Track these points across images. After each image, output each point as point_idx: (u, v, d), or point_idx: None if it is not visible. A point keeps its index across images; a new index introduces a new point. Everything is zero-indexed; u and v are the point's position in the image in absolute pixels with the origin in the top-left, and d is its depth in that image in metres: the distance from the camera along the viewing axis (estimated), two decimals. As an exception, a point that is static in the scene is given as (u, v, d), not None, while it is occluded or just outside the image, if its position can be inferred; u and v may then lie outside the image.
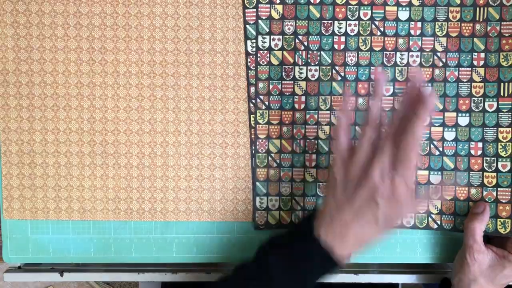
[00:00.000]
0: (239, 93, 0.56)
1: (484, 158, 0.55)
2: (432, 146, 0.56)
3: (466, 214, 0.55)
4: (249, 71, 0.56)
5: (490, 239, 0.57)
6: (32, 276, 0.59)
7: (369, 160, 0.44)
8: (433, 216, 0.56)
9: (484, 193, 0.55)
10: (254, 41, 0.55)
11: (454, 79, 0.55)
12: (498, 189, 0.55)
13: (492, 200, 0.55)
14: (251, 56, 0.56)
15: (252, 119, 0.56)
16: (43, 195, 0.57)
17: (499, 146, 0.55)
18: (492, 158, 0.55)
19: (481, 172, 0.55)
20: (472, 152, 0.56)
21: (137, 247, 0.58)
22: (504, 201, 0.55)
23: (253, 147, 0.56)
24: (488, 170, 0.55)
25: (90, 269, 0.60)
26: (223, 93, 0.56)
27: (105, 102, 0.56)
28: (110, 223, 0.58)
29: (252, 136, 0.56)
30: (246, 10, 0.55)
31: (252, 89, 0.56)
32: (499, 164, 0.55)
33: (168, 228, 0.58)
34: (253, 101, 0.56)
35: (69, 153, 0.57)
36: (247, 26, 0.55)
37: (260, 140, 0.56)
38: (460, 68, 0.55)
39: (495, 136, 0.55)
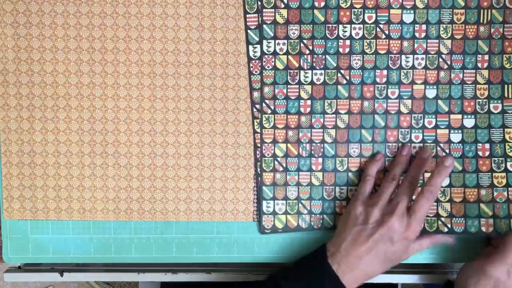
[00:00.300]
0: (239, 93, 0.56)
1: (492, 159, 0.55)
2: (438, 148, 0.56)
3: (477, 216, 0.55)
4: (252, 76, 0.56)
5: (491, 238, 0.57)
6: (32, 276, 0.59)
7: (387, 204, 0.52)
8: (443, 219, 0.56)
9: (495, 193, 0.55)
10: (256, 46, 0.55)
11: (459, 81, 0.55)
12: (509, 189, 0.55)
13: (504, 200, 0.55)
14: (254, 62, 0.56)
15: (256, 124, 0.56)
16: (43, 195, 0.57)
17: (507, 147, 0.55)
18: (501, 159, 0.55)
19: (490, 173, 0.55)
20: (480, 153, 0.55)
21: (137, 247, 0.58)
22: None
23: (257, 152, 0.56)
24: (497, 170, 0.55)
25: (90, 269, 0.60)
26: (223, 93, 0.56)
27: (105, 102, 0.56)
28: (110, 223, 0.58)
29: (257, 141, 0.56)
30: (247, 16, 0.55)
31: (255, 94, 0.56)
32: (508, 164, 0.55)
33: (168, 228, 0.58)
34: (257, 106, 0.56)
35: (69, 153, 0.57)
36: (249, 31, 0.55)
37: (266, 144, 0.56)
38: (465, 70, 0.55)
39: (501, 137, 0.55)
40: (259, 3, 0.55)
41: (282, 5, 0.55)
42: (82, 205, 0.57)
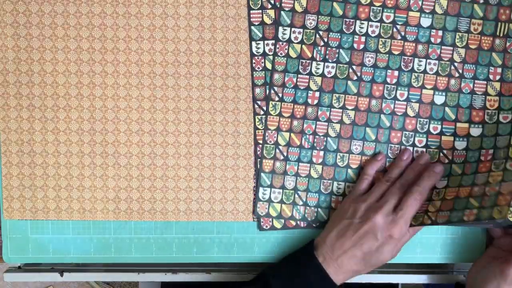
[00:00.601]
0: (239, 93, 0.56)
1: (494, 161, 0.55)
2: (441, 154, 0.56)
3: (463, 209, 0.52)
4: (254, 72, 0.56)
5: (492, 238, 0.57)
6: (32, 276, 0.60)
7: (376, 202, 0.53)
8: (430, 214, 0.55)
9: (487, 188, 0.54)
10: (259, 42, 0.55)
11: (469, 91, 0.55)
12: (501, 183, 0.53)
13: (493, 193, 0.52)
14: (256, 58, 0.56)
15: (258, 120, 0.56)
16: (43, 195, 0.57)
17: (510, 150, 0.54)
18: (501, 160, 0.54)
19: (487, 173, 0.55)
20: (482, 158, 0.55)
21: (137, 247, 0.58)
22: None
23: (257, 149, 0.56)
24: (495, 170, 0.54)
25: (90, 269, 0.60)
26: (223, 93, 0.56)
27: (105, 102, 0.56)
28: (110, 223, 0.58)
29: (258, 137, 0.56)
30: (251, 12, 0.55)
31: (257, 90, 0.56)
32: (508, 164, 0.54)
33: (168, 228, 0.58)
34: (259, 102, 0.56)
35: (69, 153, 0.57)
36: (252, 27, 0.55)
37: (270, 131, 0.56)
38: (476, 81, 0.55)
39: (507, 142, 0.54)
40: None
41: None
42: (82, 205, 0.57)
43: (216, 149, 0.57)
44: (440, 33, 0.55)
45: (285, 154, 0.56)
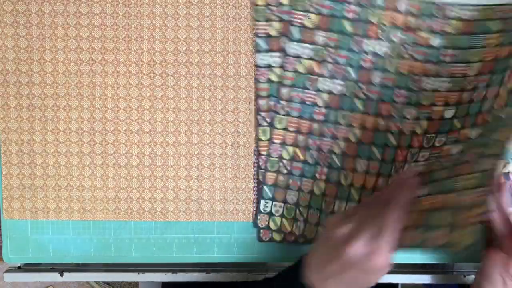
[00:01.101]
0: (239, 93, 0.56)
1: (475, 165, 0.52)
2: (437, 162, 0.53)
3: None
4: (258, 84, 0.55)
5: (491, 240, 0.56)
6: (32, 276, 0.60)
7: (356, 229, 0.45)
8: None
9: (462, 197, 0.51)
10: (265, 54, 0.54)
11: (480, 99, 0.52)
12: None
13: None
14: (261, 69, 0.54)
15: (261, 131, 0.56)
16: (43, 195, 0.57)
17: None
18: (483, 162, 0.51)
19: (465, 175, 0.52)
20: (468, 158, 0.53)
21: (137, 247, 0.58)
22: None
23: (259, 159, 0.56)
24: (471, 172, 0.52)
25: (90, 269, 0.60)
26: (223, 93, 0.56)
27: (105, 102, 0.56)
28: (110, 223, 0.58)
29: (260, 148, 0.56)
30: (258, 23, 0.54)
31: (261, 102, 0.55)
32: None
33: (168, 228, 0.58)
34: (263, 114, 0.55)
35: (69, 153, 0.57)
36: (257, 39, 0.54)
37: (274, 144, 0.56)
38: (488, 89, 0.52)
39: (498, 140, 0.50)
40: (276, 7, 0.53)
41: (314, 10, 0.53)
42: (82, 205, 0.57)
43: (216, 149, 0.57)
44: (450, 51, 0.52)
45: (288, 168, 0.56)
